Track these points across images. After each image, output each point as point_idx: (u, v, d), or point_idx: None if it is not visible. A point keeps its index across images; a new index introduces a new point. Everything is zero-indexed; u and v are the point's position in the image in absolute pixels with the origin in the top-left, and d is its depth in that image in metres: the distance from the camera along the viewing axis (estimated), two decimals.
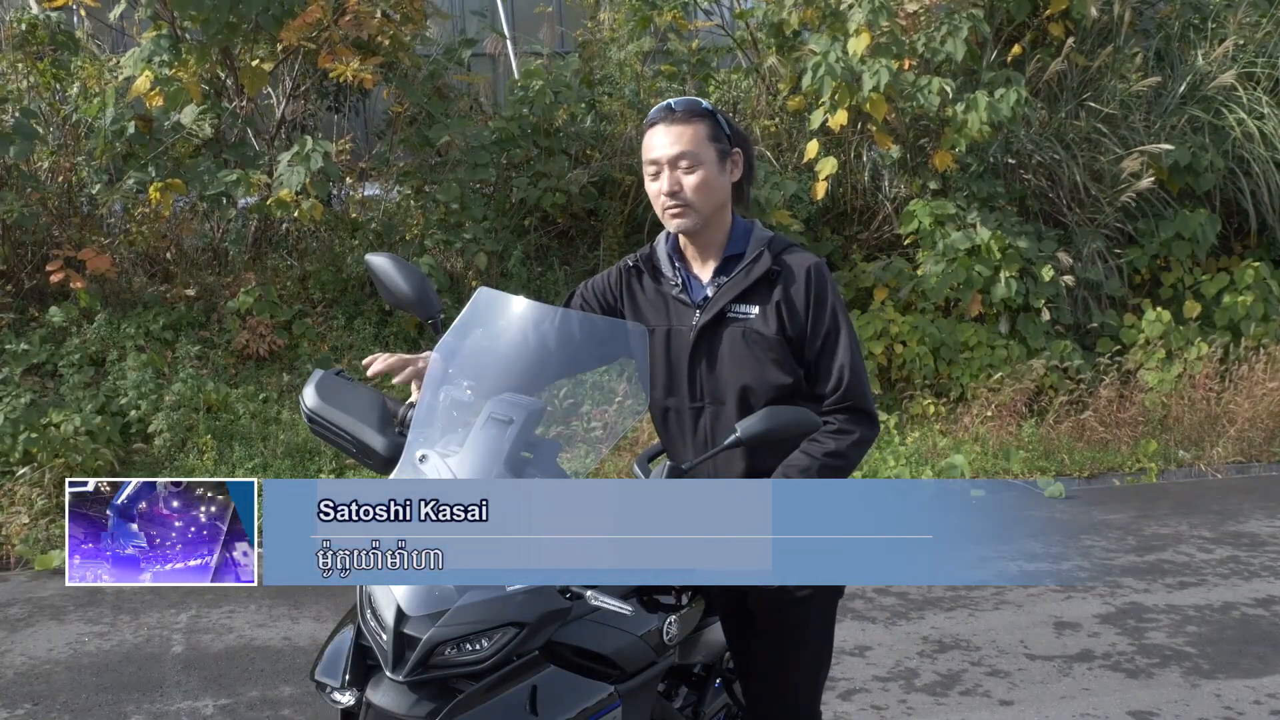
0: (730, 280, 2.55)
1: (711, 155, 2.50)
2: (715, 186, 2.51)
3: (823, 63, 7.54)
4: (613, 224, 8.43)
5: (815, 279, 2.52)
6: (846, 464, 2.49)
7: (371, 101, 9.06)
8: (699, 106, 2.53)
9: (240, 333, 7.24)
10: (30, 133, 6.85)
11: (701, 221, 2.53)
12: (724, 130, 2.54)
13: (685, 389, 2.60)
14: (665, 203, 2.51)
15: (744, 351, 2.52)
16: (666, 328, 2.60)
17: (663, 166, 2.50)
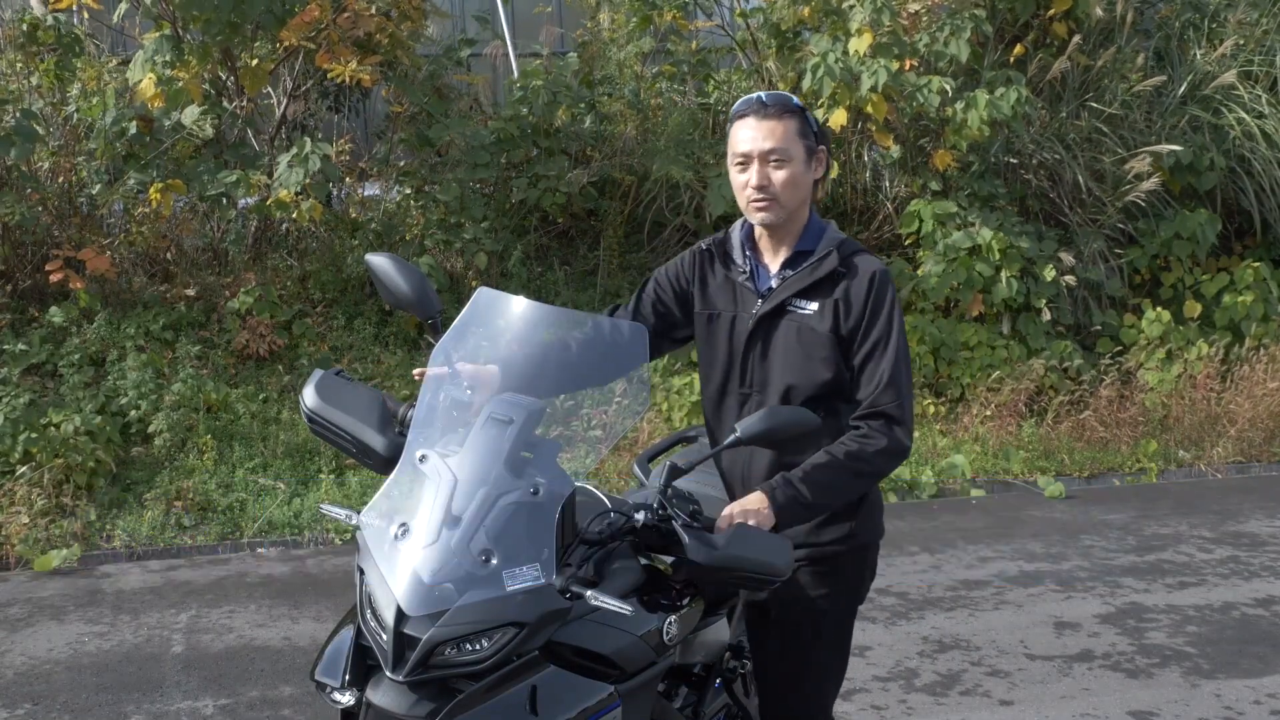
0: (796, 275, 2.57)
1: (800, 152, 2.52)
2: (801, 183, 2.54)
3: (821, 63, 7.54)
4: (612, 224, 8.43)
5: (878, 284, 2.52)
6: (868, 469, 2.48)
7: (371, 101, 9.06)
8: (790, 103, 2.55)
9: (240, 333, 7.24)
10: (31, 134, 6.85)
11: (784, 216, 2.55)
12: (811, 128, 2.56)
13: (738, 375, 2.63)
14: (752, 195, 2.53)
15: (795, 347, 2.54)
16: (732, 314, 2.63)
17: (752, 160, 2.52)
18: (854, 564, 2.67)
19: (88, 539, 5.87)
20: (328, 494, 6.33)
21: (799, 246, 2.60)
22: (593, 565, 2.31)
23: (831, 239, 2.59)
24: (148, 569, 5.69)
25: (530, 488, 2.17)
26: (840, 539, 2.61)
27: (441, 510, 2.10)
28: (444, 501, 2.11)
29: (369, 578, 2.12)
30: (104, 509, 6.08)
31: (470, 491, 2.13)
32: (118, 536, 5.91)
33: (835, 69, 7.50)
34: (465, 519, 2.10)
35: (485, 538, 2.09)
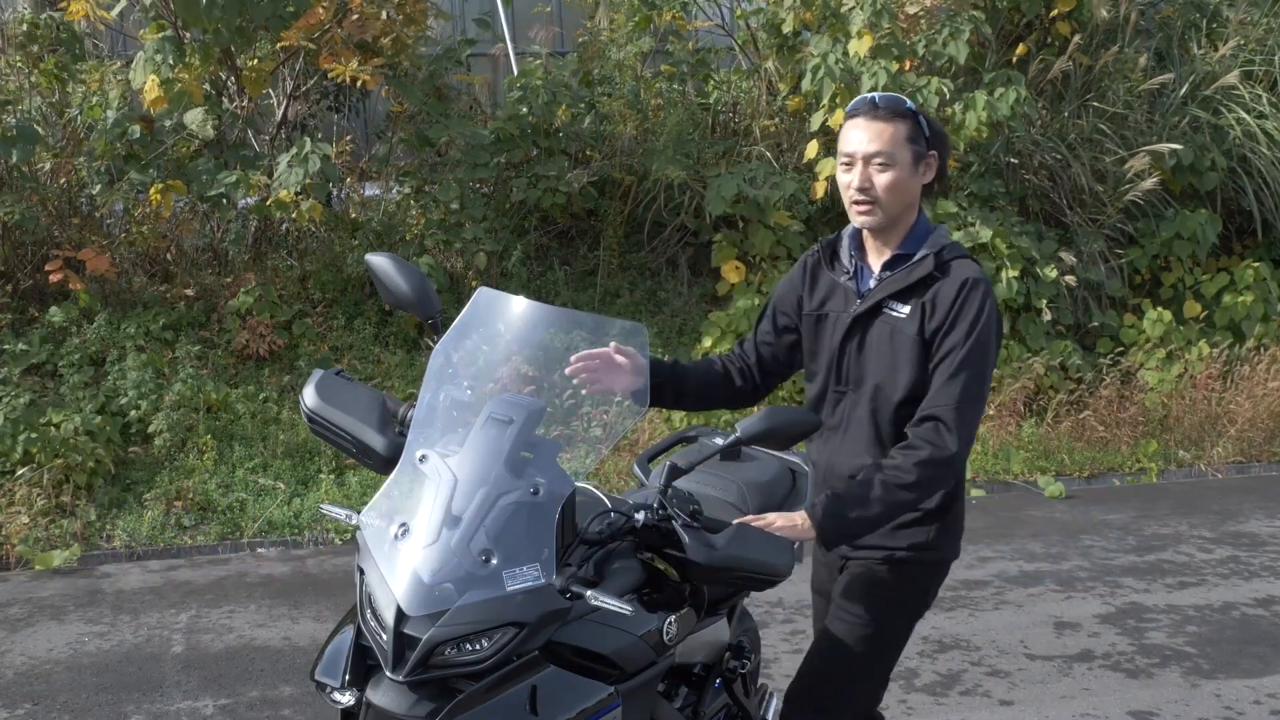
0: (893, 276, 2.58)
1: (907, 157, 2.52)
2: (905, 188, 2.53)
3: (822, 64, 7.54)
4: (612, 224, 8.43)
5: (968, 289, 2.50)
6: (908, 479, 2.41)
7: (372, 102, 9.06)
8: (902, 106, 2.54)
9: (240, 333, 7.24)
10: (32, 135, 6.85)
11: (886, 221, 2.56)
12: (923, 132, 2.55)
13: (834, 374, 2.66)
14: (854, 196, 2.53)
15: (887, 349, 2.56)
16: (834, 314, 2.66)
17: (856, 160, 2.52)
18: (924, 575, 2.67)
19: (88, 539, 5.87)
20: (328, 494, 6.33)
21: (901, 249, 2.60)
22: (593, 565, 2.31)
23: (935, 243, 2.58)
24: (148, 569, 5.69)
25: (530, 488, 2.17)
26: (915, 546, 2.61)
27: (441, 510, 2.10)
28: (444, 501, 2.11)
29: (369, 578, 2.12)
30: (104, 509, 6.08)
31: (470, 491, 2.13)
32: (118, 536, 5.91)
33: (835, 70, 7.50)
34: (465, 519, 2.10)
35: (485, 538, 2.09)
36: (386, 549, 2.12)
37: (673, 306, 8.29)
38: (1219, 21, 8.93)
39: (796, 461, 3.23)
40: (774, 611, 5.10)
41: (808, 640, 4.75)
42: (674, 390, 2.78)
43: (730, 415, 7.25)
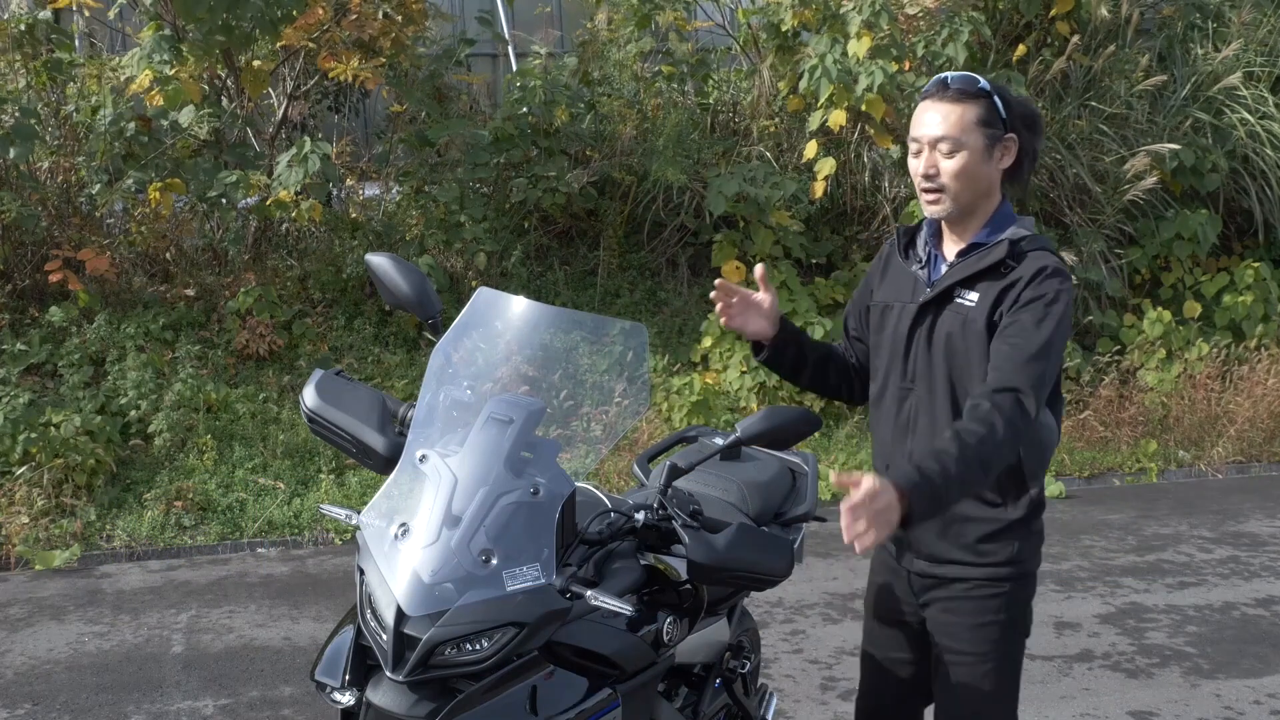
0: (963, 263, 2.43)
1: (978, 141, 2.35)
2: (976, 174, 2.37)
3: (819, 65, 7.54)
4: (612, 224, 8.43)
5: (1044, 275, 2.33)
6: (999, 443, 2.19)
7: (372, 102, 9.06)
8: (974, 86, 2.37)
9: (240, 333, 7.24)
10: (29, 133, 6.84)
11: (956, 209, 2.40)
12: (999, 114, 2.37)
13: (899, 368, 2.51)
14: (921, 184, 2.40)
15: (959, 342, 2.40)
16: (901, 304, 2.51)
17: (924, 145, 2.38)
18: (1020, 590, 2.51)
19: (88, 539, 5.87)
20: (328, 494, 6.33)
21: (976, 239, 2.44)
22: (593, 565, 2.31)
23: (1015, 232, 2.41)
24: (148, 569, 5.69)
25: (530, 488, 2.17)
26: (1007, 561, 2.47)
27: (441, 510, 2.10)
28: (444, 501, 2.11)
29: (369, 578, 2.12)
30: (104, 509, 6.08)
31: (470, 491, 2.13)
32: (118, 536, 5.91)
33: (832, 70, 7.51)
34: (465, 519, 2.10)
35: (485, 538, 2.09)
36: (386, 549, 2.12)
37: (673, 306, 8.29)
38: (1221, 22, 8.92)
39: (796, 461, 3.23)
40: (774, 611, 5.10)
41: (807, 640, 4.78)
42: (795, 356, 2.67)
43: (730, 416, 7.25)
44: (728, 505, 2.89)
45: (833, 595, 5.32)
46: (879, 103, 7.55)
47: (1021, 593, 2.51)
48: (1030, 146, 2.44)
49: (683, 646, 2.55)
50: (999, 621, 2.48)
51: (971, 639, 2.48)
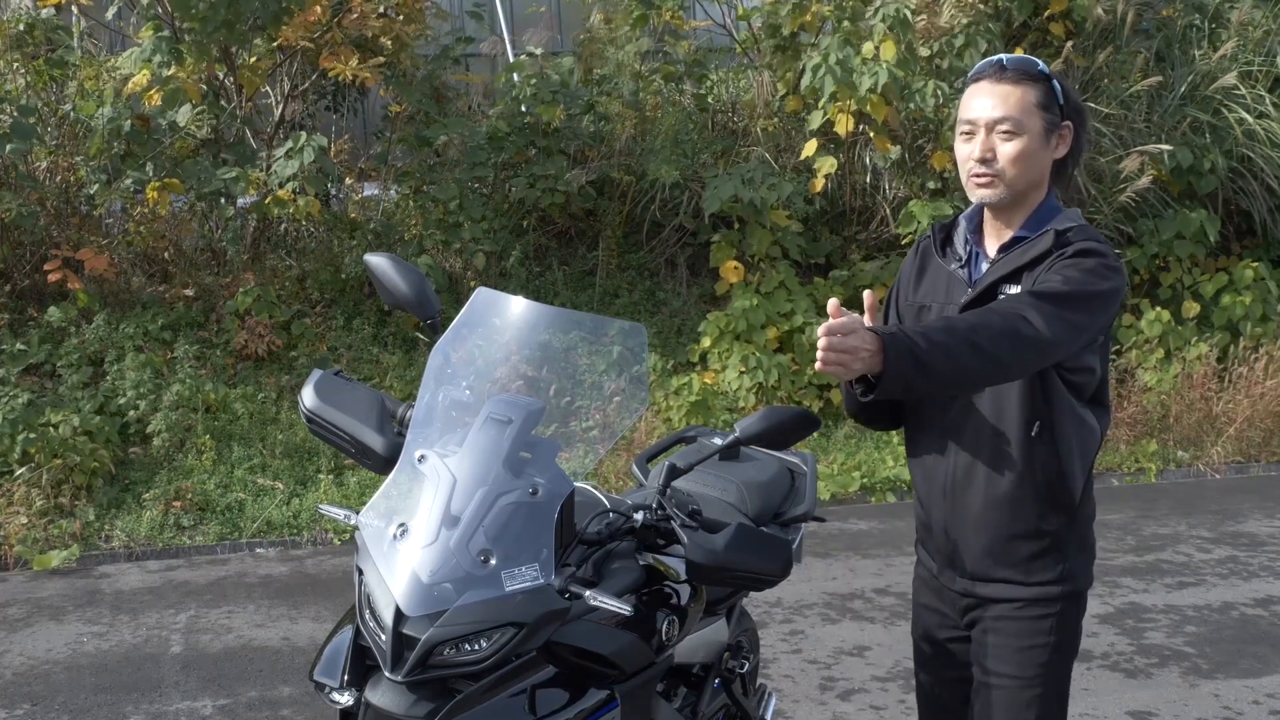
0: (1007, 258, 2.27)
1: (1038, 125, 2.23)
2: (1034, 160, 2.24)
3: (823, 64, 7.54)
4: (611, 224, 8.43)
5: (1082, 248, 2.19)
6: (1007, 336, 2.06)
7: (370, 101, 9.06)
8: (1034, 68, 2.25)
9: (239, 333, 7.24)
10: (27, 132, 6.84)
11: (1010, 196, 2.26)
12: (1057, 100, 2.25)
13: None
14: (973, 169, 2.25)
15: None
16: (939, 304, 2.36)
17: (978, 128, 2.24)
18: (1071, 610, 2.37)
19: (86, 539, 5.86)
20: (326, 494, 6.32)
21: (1020, 232, 2.29)
22: (592, 565, 2.31)
23: (1059, 223, 2.25)
24: (146, 569, 5.69)
25: (529, 488, 2.17)
26: (1054, 580, 2.33)
27: (440, 510, 2.10)
28: (443, 501, 2.11)
29: (368, 578, 2.12)
30: (103, 509, 6.07)
31: (469, 491, 2.13)
32: (116, 537, 5.90)
33: (836, 70, 7.51)
34: (464, 519, 2.10)
35: (484, 538, 2.09)
36: (385, 549, 2.11)
37: (671, 307, 8.29)
38: (1219, 22, 8.93)
39: (795, 461, 3.23)
40: (773, 612, 5.10)
41: (806, 640, 4.78)
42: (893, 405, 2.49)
43: (728, 416, 7.25)
44: (727, 505, 2.89)
45: (832, 595, 5.33)
46: (880, 105, 7.55)
47: (1073, 612, 2.38)
48: (1081, 140, 2.32)
49: (682, 647, 2.55)
50: (1048, 644, 2.33)
51: (1017, 662, 2.34)
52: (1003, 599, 2.36)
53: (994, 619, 2.37)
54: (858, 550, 5.99)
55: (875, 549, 5.99)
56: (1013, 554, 2.33)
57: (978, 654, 2.41)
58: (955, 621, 2.49)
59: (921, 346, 1.99)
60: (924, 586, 2.58)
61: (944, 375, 2.04)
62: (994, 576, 2.36)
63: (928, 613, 2.56)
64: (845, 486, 6.86)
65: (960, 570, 2.41)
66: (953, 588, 2.44)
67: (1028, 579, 2.34)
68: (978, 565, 2.37)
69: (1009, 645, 2.35)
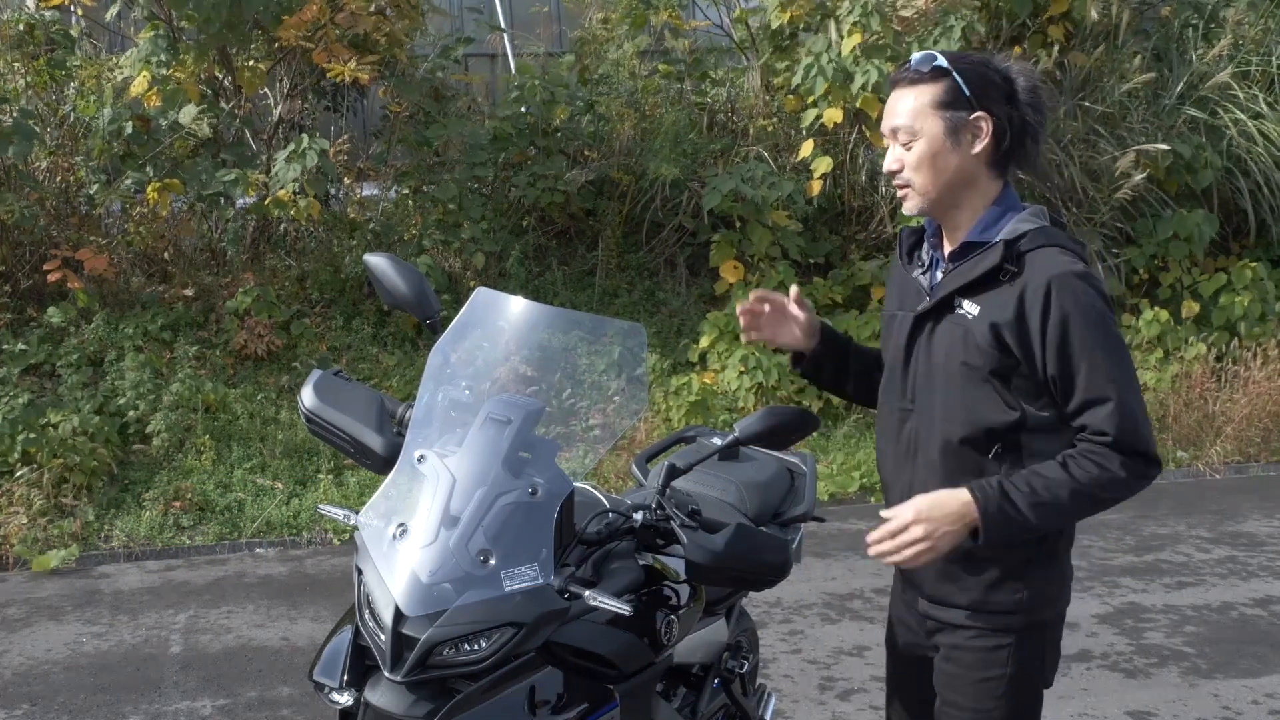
0: (957, 269, 2.18)
1: (935, 126, 2.11)
2: (941, 162, 2.12)
3: (815, 63, 7.56)
4: (611, 224, 8.43)
5: (1056, 292, 2.04)
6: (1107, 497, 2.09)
7: (369, 102, 9.06)
8: (929, 65, 2.12)
9: (238, 333, 7.24)
10: (29, 133, 6.84)
11: (928, 204, 2.17)
12: (962, 93, 2.10)
13: (898, 386, 2.29)
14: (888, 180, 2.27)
15: (960, 356, 2.14)
16: (902, 313, 2.30)
17: (888, 139, 2.19)
18: (1032, 641, 2.27)
19: (86, 539, 5.86)
20: (326, 494, 6.32)
21: (970, 236, 2.19)
22: (591, 565, 2.31)
23: (1013, 229, 2.14)
24: (146, 569, 5.69)
25: (529, 488, 2.17)
26: (1011, 609, 2.23)
27: (440, 510, 2.10)
28: (442, 501, 2.11)
29: (367, 578, 2.12)
30: (102, 509, 6.08)
31: (468, 491, 2.13)
32: (116, 537, 5.90)
33: (828, 69, 7.52)
34: (463, 519, 2.10)
35: (483, 538, 2.09)
36: (385, 549, 2.12)
37: (671, 306, 8.29)
38: (1216, 22, 8.93)
39: (795, 461, 3.23)
40: (772, 612, 5.11)
41: (806, 640, 4.78)
42: (836, 369, 2.50)
43: (728, 416, 7.25)
44: (726, 505, 2.89)
45: (831, 595, 5.33)
46: (874, 101, 7.56)
47: (1033, 643, 2.28)
48: (1022, 119, 2.15)
49: (681, 646, 2.55)
50: (1004, 676, 2.24)
51: (974, 693, 2.26)
52: (959, 625, 2.27)
53: (951, 646, 2.30)
54: (857, 550, 5.99)
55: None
56: (968, 579, 2.23)
57: (938, 681, 2.34)
58: (923, 640, 2.42)
59: (1024, 516, 2.06)
60: (896, 599, 2.55)
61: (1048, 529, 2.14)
62: (950, 601, 2.27)
63: (900, 626, 2.53)
64: (845, 486, 6.86)
65: (920, 590, 2.35)
66: (915, 608, 2.39)
67: (984, 606, 2.24)
68: (935, 589, 2.29)
69: (965, 676, 2.27)
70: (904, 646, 2.51)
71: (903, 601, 2.48)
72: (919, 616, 2.38)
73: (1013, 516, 2.05)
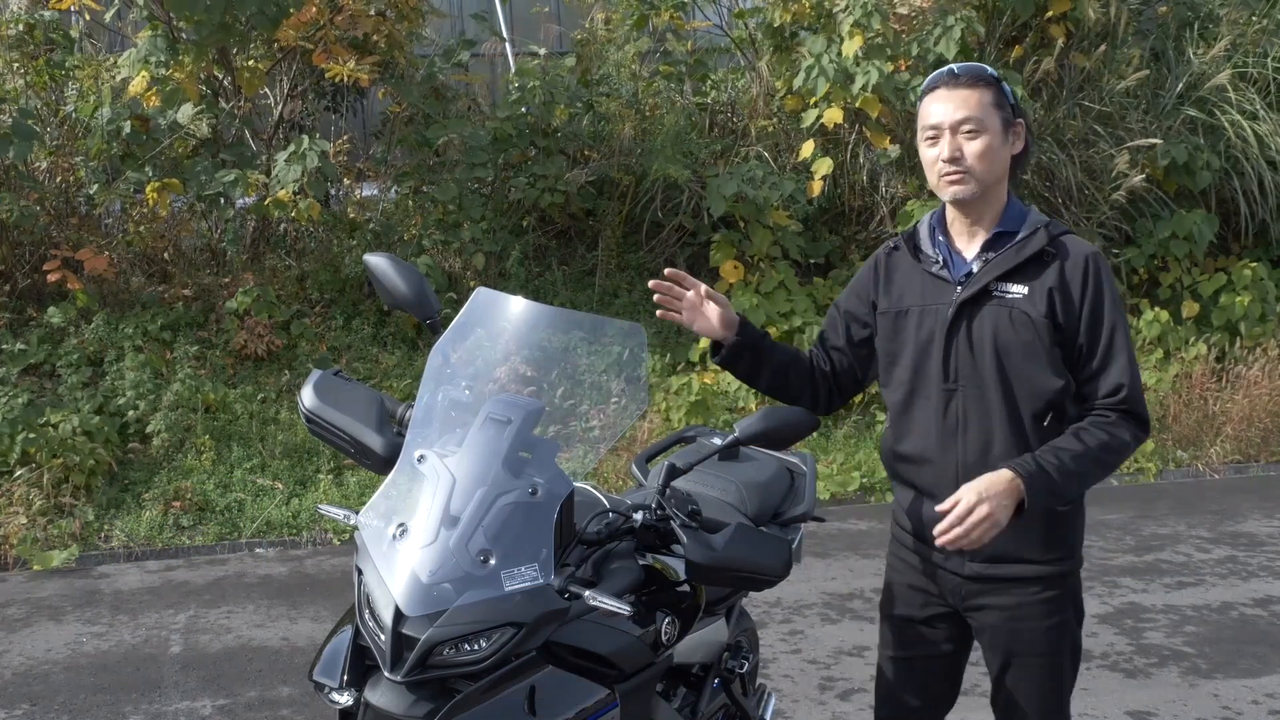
0: (1000, 255, 2.42)
1: (996, 123, 2.39)
2: (997, 156, 2.40)
3: (816, 64, 7.56)
4: (611, 224, 8.43)
5: (1094, 267, 2.37)
6: (1113, 461, 2.36)
7: (369, 102, 9.06)
8: (984, 72, 2.42)
9: (238, 333, 7.24)
10: (29, 133, 6.84)
11: (979, 191, 2.40)
12: (1008, 99, 2.42)
13: (937, 370, 2.46)
14: (943, 169, 2.40)
15: (1010, 334, 2.38)
16: (921, 307, 2.49)
17: (943, 131, 2.39)
18: (1076, 583, 2.54)
19: (86, 539, 5.87)
20: (326, 494, 6.32)
21: (999, 228, 2.44)
22: (591, 565, 2.31)
23: (1037, 220, 2.44)
24: (146, 569, 5.69)
25: (529, 488, 2.17)
26: (1065, 556, 2.49)
27: (440, 510, 2.10)
28: (442, 502, 2.11)
29: (367, 578, 2.12)
30: (102, 509, 6.08)
31: (468, 491, 2.13)
32: (116, 537, 5.90)
33: (829, 69, 7.52)
34: (463, 519, 2.10)
35: (483, 538, 2.09)
36: (385, 549, 2.12)
37: None
38: (1214, 21, 8.93)
39: (795, 461, 3.23)
40: (772, 611, 5.11)
41: (805, 640, 4.78)
42: (752, 361, 2.64)
43: (728, 416, 7.25)
44: (726, 505, 2.89)
45: (831, 595, 5.33)
46: (874, 102, 7.56)
47: (1076, 585, 2.54)
48: (1029, 137, 2.50)
49: (681, 646, 2.55)
50: (1068, 617, 2.51)
51: (1046, 641, 2.49)
52: (1020, 578, 2.46)
53: (1016, 604, 2.48)
54: (857, 550, 5.99)
55: (874, 549, 5.99)
56: (1027, 535, 2.41)
57: (998, 642, 2.51)
58: (945, 602, 2.58)
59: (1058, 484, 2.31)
60: (908, 568, 2.65)
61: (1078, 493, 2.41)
62: (1010, 557, 2.45)
63: (912, 592, 2.64)
64: (845, 486, 6.86)
65: (973, 554, 2.46)
66: (961, 572, 2.51)
67: (1042, 557, 2.46)
68: (994, 548, 2.40)
69: (1035, 627, 2.47)
70: (914, 610, 2.63)
71: (920, 571, 2.61)
72: (956, 581, 2.53)
73: (1049, 487, 2.30)
